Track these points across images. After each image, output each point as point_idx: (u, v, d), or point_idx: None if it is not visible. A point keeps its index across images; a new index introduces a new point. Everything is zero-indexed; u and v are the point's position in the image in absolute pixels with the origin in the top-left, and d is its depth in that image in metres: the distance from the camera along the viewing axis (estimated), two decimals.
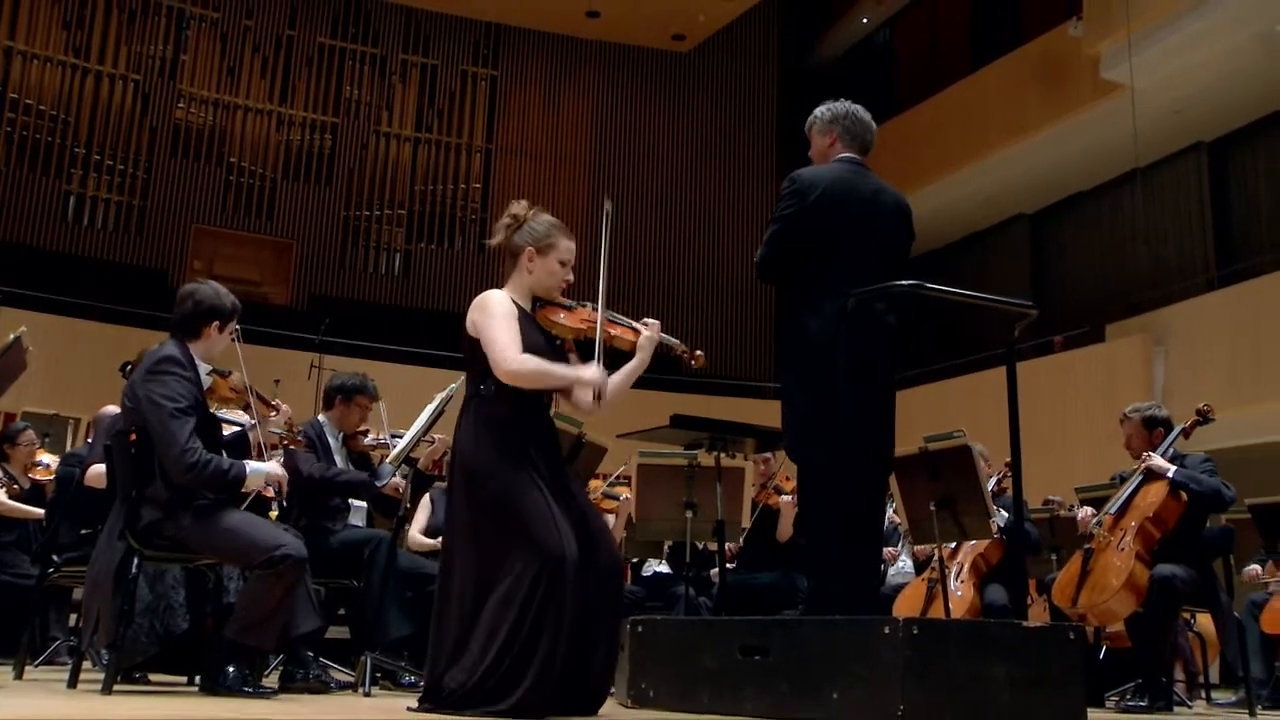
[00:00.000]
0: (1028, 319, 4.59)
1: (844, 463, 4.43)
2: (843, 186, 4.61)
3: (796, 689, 3.80)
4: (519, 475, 3.92)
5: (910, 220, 4.76)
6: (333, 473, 5.92)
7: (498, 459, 3.94)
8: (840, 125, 4.77)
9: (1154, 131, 14.20)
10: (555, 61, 19.46)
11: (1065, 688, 3.93)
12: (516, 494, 3.88)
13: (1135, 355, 13.43)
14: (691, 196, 19.56)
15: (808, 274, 4.56)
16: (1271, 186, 14.42)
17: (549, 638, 3.72)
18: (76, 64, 17.00)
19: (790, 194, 4.61)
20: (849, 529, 4.44)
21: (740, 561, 7.42)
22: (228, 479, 4.53)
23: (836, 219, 4.55)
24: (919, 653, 3.57)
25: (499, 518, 3.89)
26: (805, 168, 4.75)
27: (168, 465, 4.46)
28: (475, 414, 4.03)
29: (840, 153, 4.75)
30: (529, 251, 4.15)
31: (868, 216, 4.60)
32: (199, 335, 4.78)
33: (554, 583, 3.75)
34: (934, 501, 5.88)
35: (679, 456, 6.43)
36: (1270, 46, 13.17)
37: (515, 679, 3.67)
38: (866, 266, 4.47)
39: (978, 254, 18.02)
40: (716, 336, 18.74)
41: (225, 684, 4.41)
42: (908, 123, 17.38)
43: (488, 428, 3.99)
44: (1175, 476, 5.95)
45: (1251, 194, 14.73)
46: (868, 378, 4.43)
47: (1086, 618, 6.04)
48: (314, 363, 12.77)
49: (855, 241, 4.55)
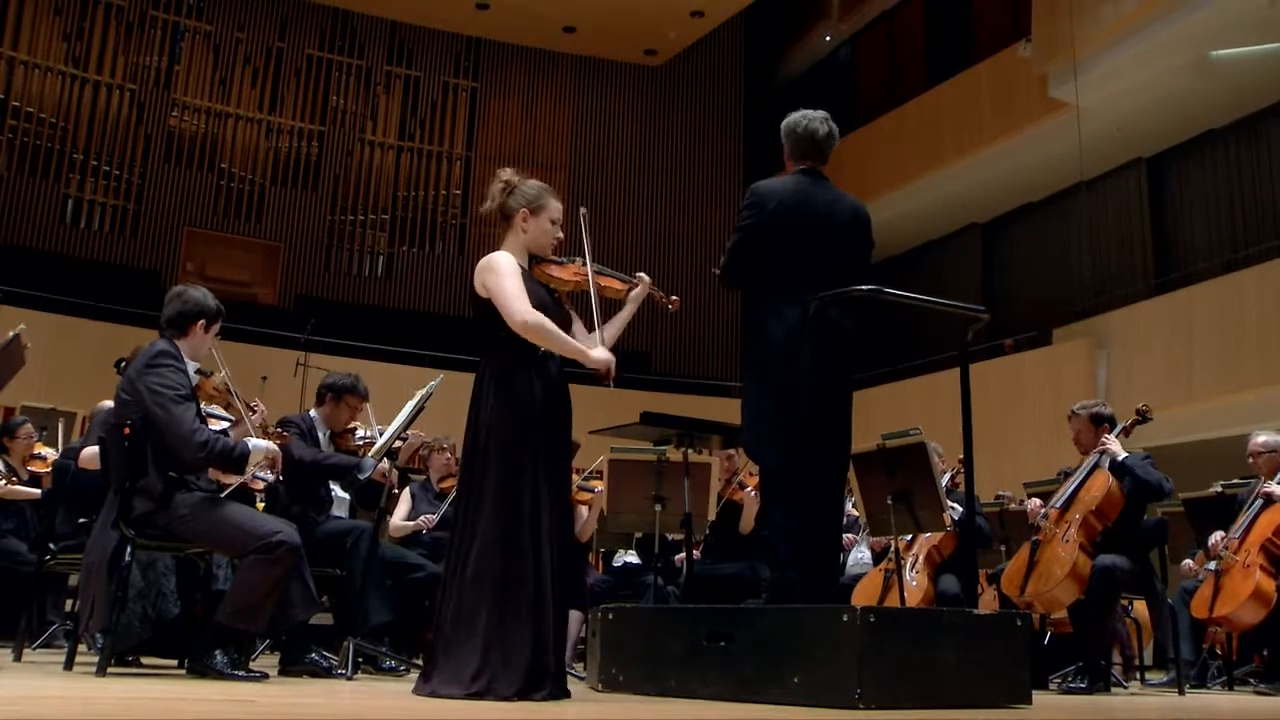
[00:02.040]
0: (980, 323, 4.62)
1: (799, 460, 4.45)
2: (798, 198, 4.63)
3: (759, 673, 3.81)
4: (520, 450, 3.96)
5: (868, 228, 4.76)
6: (323, 455, 5.92)
7: (506, 418, 3.99)
8: (789, 141, 4.79)
9: (1097, 147, 14.32)
10: (533, 74, 19.43)
11: (1012, 671, 3.96)
12: (510, 467, 3.94)
13: (1080, 357, 13.51)
14: (661, 203, 19.57)
15: (767, 281, 4.58)
16: (1204, 200, 14.56)
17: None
18: (75, 74, 16.88)
19: (749, 206, 4.64)
20: (806, 523, 4.45)
21: (706, 552, 7.43)
22: (234, 455, 4.54)
23: (793, 229, 4.57)
24: (875, 639, 3.59)
25: (493, 479, 3.93)
26: (765, 180, 4.77)
27: (178, 447, 4.45)
28: (495, 379, 4.06)
29: (796, 165, 4.77)
30: (523, 213, 4.24)
31: (822, 226, 4.61)
32: (186, 333, 4.81)
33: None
34: (891, 496, 5.90)
35: (648, 452, 6.44)
36: (1202, 71, 13.33)
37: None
38: (822, 273, 4.48)
39: (933, 261, 18.08)
40: (684, 338, 18.78)
41: (214, 667, 4.39)
42: (867, 136, 17.44)
43: (500, 386, 4.04)
44: (1126, 461, 6.03)
45: (1186, 207, 14.85)
46: (823, 379, 4.44)
47: (1033, 605, 6.09)
48: (300, 360, 12.72)
49: (811, 249, 4.56)
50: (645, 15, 17.95)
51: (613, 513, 6.65)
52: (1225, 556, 6.63)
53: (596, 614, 4.55)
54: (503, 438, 3.97)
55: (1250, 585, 6.45)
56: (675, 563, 7.36)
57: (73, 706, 2.86)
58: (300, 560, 4.63)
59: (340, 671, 5.06)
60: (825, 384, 4.47)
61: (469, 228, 18.75)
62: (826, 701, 3.56)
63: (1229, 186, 14.28)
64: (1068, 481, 6.25)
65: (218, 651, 4.43)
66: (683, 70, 19.82)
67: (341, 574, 5.70)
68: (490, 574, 3.82)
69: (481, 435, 4.00)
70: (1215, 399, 11.95)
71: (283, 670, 5.08)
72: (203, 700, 3.22)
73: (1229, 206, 14.25)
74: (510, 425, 3.98)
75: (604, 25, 18.37)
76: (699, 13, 17.89)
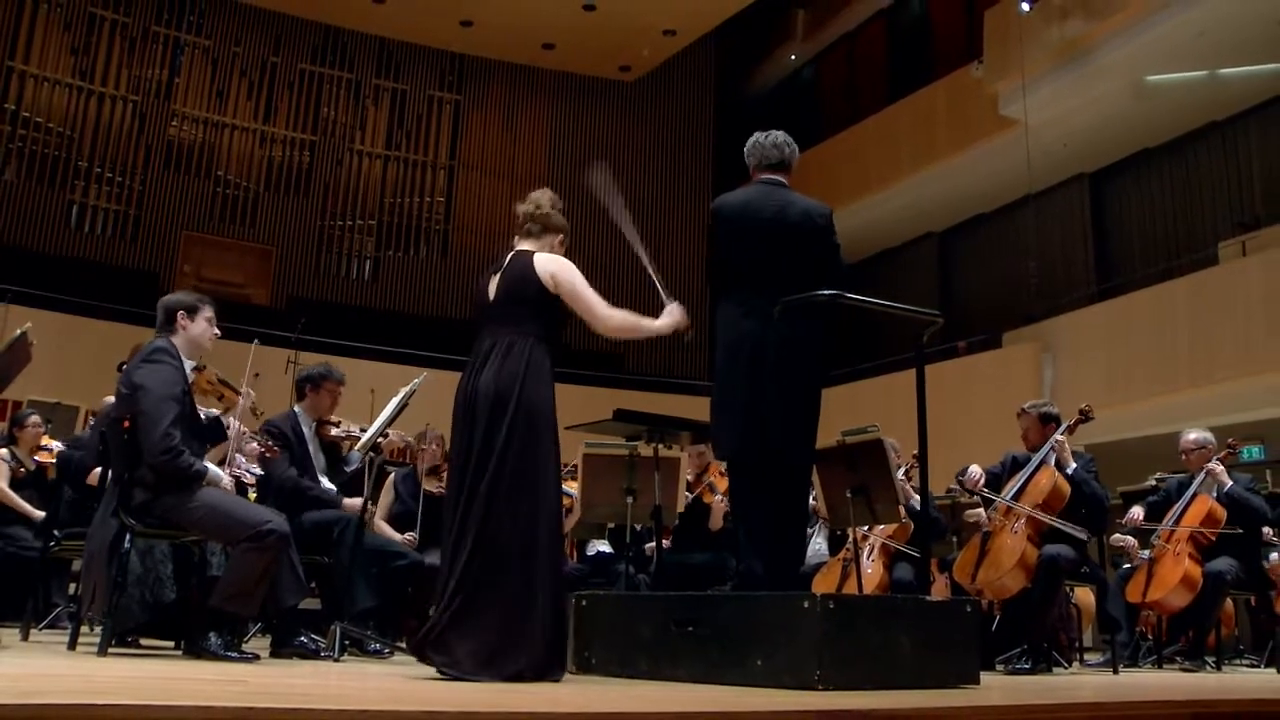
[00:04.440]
0: (935, 326, 4.64)
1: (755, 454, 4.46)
2: (747, 208, 4.63)
3: (725, 657, 3.82)
4: (556, 433, 4.01)
5: (823, 227, 4.61)
6: (305, 485, 5.88)
7: (549, 399, 4.00)
8: (753, 157, 4.81)
9: (1044, 162, 14.43)
10: (513, 88, 19.39)
11: (962, 653, 3.98)
12: (553, 445, 3.98)
13: (1027, 360, 13.58)
14: (634, 211, 19.45)
15: (729, 286, 4.61)
16: (1141, 213, 14.72)
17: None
18: (81, 86, 16.77)
19: (712, 215, 4.69)
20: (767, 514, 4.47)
21: (676, 543, 7.44)
22: (189, 474, 4.52)
23: (743, 232, 4.59)
24: (834, 624, 3.60)
25: (543, 471, 3.91)
26: (724, 194, 4.79)
27: (147, 443, 4.44)
28: (542, 364, 4.02)
29: (759, 177, 4.78)
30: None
31: (772, 227, 4.56)
32: (175, 328, 4.82)
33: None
34: (850, 489, 5.91)
35: (621, 447, 6.43)
36: (1140, 94, 13.49)
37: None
38: (779, 273, 4.47)
39: (891, 267, 18.13)
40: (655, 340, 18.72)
41: (209, 649, 4.38)
42: (830, 149, 17.48)
43: (539, 368, 4.01)
44: (1073, 474, 6.07)
45: (1125, 219, 15.00)
46: (779, 376, 4.44)
47: (983, 592, 6.12)
48: (291, 358, 12.66)
49: (763, 250, 4.54)
50: (620, 34, 17.94)
51: (587, 504, 6.65)
52: (1157, 545, 6.71)
53: (571, 600, 4.55)
54: (549, 417, 3.96)
55: (1180, 572, 6.54)
56: (646, 552, 7.37)
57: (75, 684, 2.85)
58: (289, 548, 4.62)
59: (328, 653, 5.04)
60: (780, 381, 4.44)
61: (452, 234, 18.71)
62: (788, 683, 3.57)
63: (1163, 201, 14.44)
64: (1016, 476, 6.29)
65: (212, 634, 4.43)
66: (656, 86, 19.81)
67: (329, 561, 5.70)
68: (545, 545, 3.83)
69: (522, 411, 3.90)
70: (1150, 399, 12.05)
71: (274, 652, 5.06)
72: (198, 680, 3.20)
73: (1163, 220, 14.40)
74: (551, 407, 3.98)
75: (581, 43, 18.36)
76: (671, 32, 17.91)
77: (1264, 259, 11.51)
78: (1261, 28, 12.24)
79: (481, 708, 2.62)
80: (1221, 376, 11.45)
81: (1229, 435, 7.40)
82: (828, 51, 19.59)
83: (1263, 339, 11.14)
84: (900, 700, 3.16)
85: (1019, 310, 14.96)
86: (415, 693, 3.09)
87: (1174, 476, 7.32)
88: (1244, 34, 12.37)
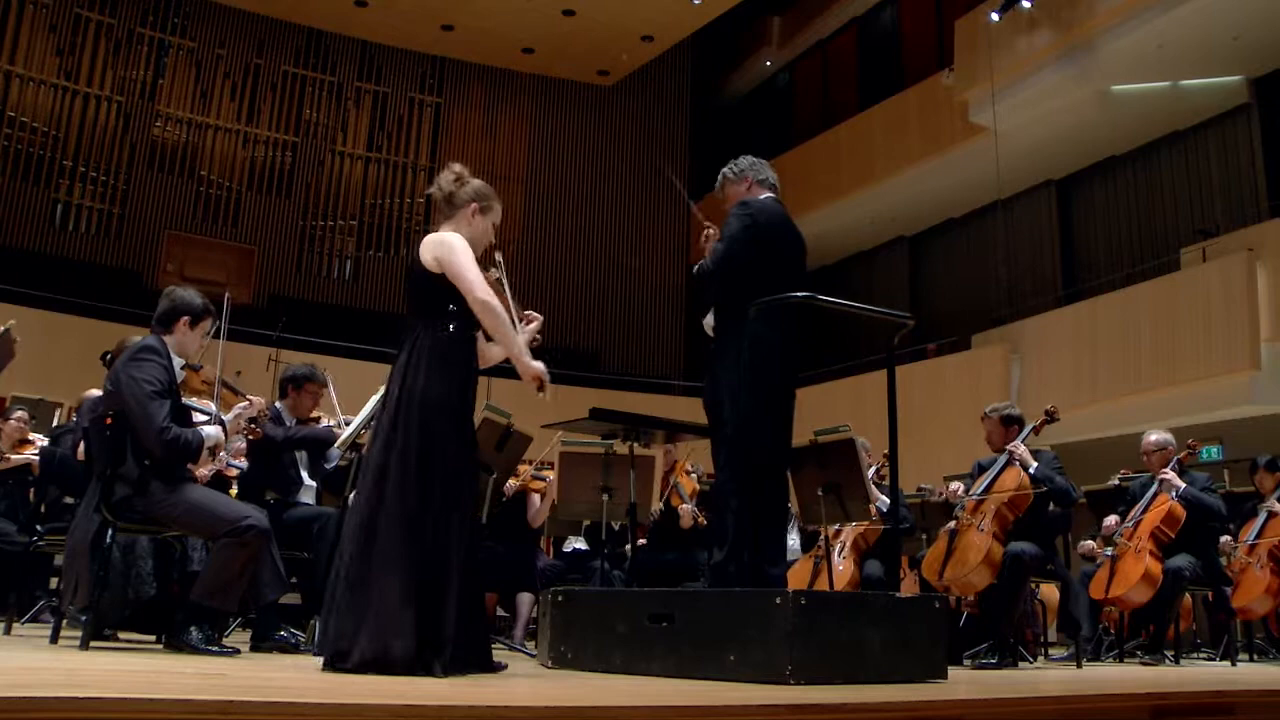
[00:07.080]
0: (905, 328, 4.66)
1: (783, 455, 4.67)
2: (787, 222, 4.81)
3: (699, 652, 3.82)
4: (455, 422, 3.83)
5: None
6: (294, 430, 5.94)
7: (444, 390, 3.81)
8: (752, 173, 4.88)
9: (1012, 169, 14.48)
10: (493, 91, 19.37)
11: (930, 648, 4.00)
12: (439, 437, 3.77)
13: (996, 361, 13.64)
14: (613, 213, 19.60)
15: (756, 287, 4.55)
16: (1106, 219, 14.80)
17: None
18: (67, 86, 16.67)
19: (745, 215, 4.68)
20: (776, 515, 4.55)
21: (651, 540, 7.44)
22: (193, 447, 4.52)
23: (779, 241, 4.72)
24: (806, 620, 3.61)
25: (441, 458, 3.76)
26: (754, 198, 4.79)
27: (147, 441, 4.44)
28: (430, 350, 3.85)
29: (761, 193, 4.82)
30: (474, 207, 4.05)
31: (796, 241, 4.81)
32: (172, 329, 4.78)
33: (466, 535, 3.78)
34: (821, 487, 5.92)
35: (597, 445, 6.44)
36: (1106, 103, 13.57)
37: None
38: (797, 283, 4.59)
39: (863, 270, 18.19)
40: (632, 340, 18.89)
41: (190, 643, 4.36)
42: (804, 154, 17.50)
43: (435, 357, 3.84)
44: (1036, 473, 6.10)
45: (1091, 225, 15.08)
46: (792, 380, 4.58)
47: (950, 589, 6.14)
48: (272, 356, 12.65)
49: (790, 261, 4.74)
50: (599, 38, 17.95)
51: (563, 501, 6.65)
52: (1120, 543, 6.75)
53: (547, 596, 4.55)
54: (438, 404, 3.78)
55: (1141, 569, 6.59)
56: (625, 551, 7.37)
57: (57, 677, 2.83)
58: (269, 543, 4.60)
59: (307, 647, 5.02)
60: (791, 384, 4.70)
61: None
62: (760, 677, 3.57)
63: (1127, 208, 14.53)
64: (983, 476, 6.32)
65: (193, 628, 4.40)
66: (634, 90, 19.85)
67: (309, 557, 5.67)
68: (395, 531, 3.66)
69: (414, 406, 3.77)
70: (1114, 400, 12.12)
71: (253, 646, 5.03)
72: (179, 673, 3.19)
73: (1127, 226, 14.49)
74: (442, 393, 3.80)
75: (560, 47, 18.38)
76: (649, 37, 17.93)
77: (1223, 265, 11.59)
78: (1220, 42, 12.37)
79: (458, 701, 2.62)
80: (1183, 378, 11.54)
81: (1189, 436, 7.45)
82: (802, 58, 19.63)
83: (1222, 343, 11.22)
84: (870, 695, 3.17)
85: (988, 313, 15.03)
86: (394, 687, 3.08)
87: (1138, 476, 7.38)
88: (1203, 48, 12.49)
